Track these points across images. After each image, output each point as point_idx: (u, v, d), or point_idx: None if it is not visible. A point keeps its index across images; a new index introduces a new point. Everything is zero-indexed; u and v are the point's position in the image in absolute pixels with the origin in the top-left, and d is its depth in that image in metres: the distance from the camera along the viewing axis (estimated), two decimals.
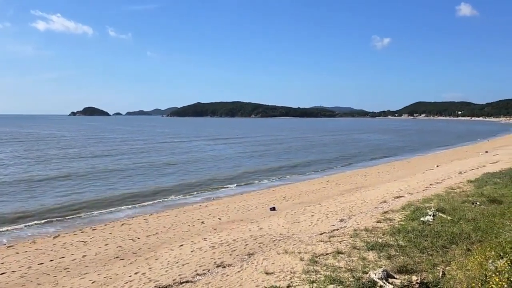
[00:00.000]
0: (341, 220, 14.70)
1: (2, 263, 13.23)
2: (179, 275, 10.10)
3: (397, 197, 18.85)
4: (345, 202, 19.38)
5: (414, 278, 7.99)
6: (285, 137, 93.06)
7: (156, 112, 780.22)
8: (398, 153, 53.18)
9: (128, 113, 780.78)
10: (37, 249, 14.86)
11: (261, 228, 15.03)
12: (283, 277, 8.75)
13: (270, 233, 14.04)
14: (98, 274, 11.38)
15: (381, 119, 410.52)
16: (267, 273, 9.18)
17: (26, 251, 14.56)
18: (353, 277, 8.23)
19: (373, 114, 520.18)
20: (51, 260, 13.35)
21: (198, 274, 9.93)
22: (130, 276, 10.70)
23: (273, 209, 19.57)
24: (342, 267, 8.91)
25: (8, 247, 15.38)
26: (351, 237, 11.50)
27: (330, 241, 11.33)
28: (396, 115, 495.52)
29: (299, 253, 10.48)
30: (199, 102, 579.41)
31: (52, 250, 14.62)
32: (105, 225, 18.48)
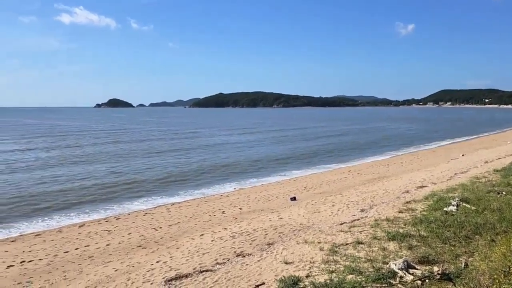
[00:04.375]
0: (362, 210, 14.57)
1: (30, 251, 13.64)
2: (199, 264, 10.20)
3: (420, 187, 18.55)
4: (366, 192, 19.18)
5: (435, 269, 7.86)
6: (316, 129, 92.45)
7: (179, 103, 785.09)
8: (422, 142, 52.17)
9: (151, 104, 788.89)
10: (63, 237, 15.25)
11: (281, 218, 15.04)
12: (302, 267, 8.74)
13: (290, 223, 14.04)
14: (121, 263, 11.61)
15: (405, 108, 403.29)
16: (286, 263, 9.19)
17: (52, 240, 14.96)
18: (373, 267, 8.16)
19: (397, 103, 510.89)
20: (76, 249, 13.69)
21: (218, 263, 10.02)
22: (152, 264, 10.87)
23: (293, 199, 19.54)
24: (362, 257, 8.84)
25: (36, 235, 15.83)
26: (372, 227, 11.39)
27: (350, 231, 11.25)
28: (421, 103, 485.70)
29: (319, 243, 10.45)
30: (221, 93, 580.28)
31: (77, 238, 14.98)
32: (129, 214, 18.81)
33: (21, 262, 12.53)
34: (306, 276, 8.12)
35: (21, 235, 16.04)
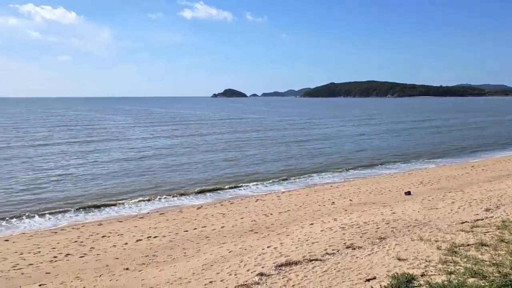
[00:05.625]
0: (487, 210, 13.33)
1: (155, 228, 15.10)
2: (308, 252, 10.31)
3: None
4: (492, 190, 17.47)
5: None
6: (436, 121, 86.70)
7: (290, 93, 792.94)
8: None
9: (264, 94, 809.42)
10: (183, 217, 16.58)
11: (394, 213, 14.45)
12: (417, 265, 8.33)
13: (404, 218, 13.43)
14: (235, 245, 12.24)
15: None
16: (399, 259, 8.83)
17: (174, 219, 16.36)
18: (499, 272, 7.45)
19: None
20: (194, 229, 14.78)
21: (327, 253, 10.02)
22: (263, 249, 11.26)
23: (408, 193, 18.61)
24: (486, 261, 8.12)
25: (160, 214, 17.48)
26: (499, 229, 10.37)
27: (472, 231, 10.39)
28: None
29: (436, 241, 9.83)
30: (332, 82, 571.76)
31: (195, 219, 16.16)
32: (241, 199, 19.71)
33: (147, 237, 13.94)
34: (421, 275, 7.72)
35: (148, 213, 17.84)
